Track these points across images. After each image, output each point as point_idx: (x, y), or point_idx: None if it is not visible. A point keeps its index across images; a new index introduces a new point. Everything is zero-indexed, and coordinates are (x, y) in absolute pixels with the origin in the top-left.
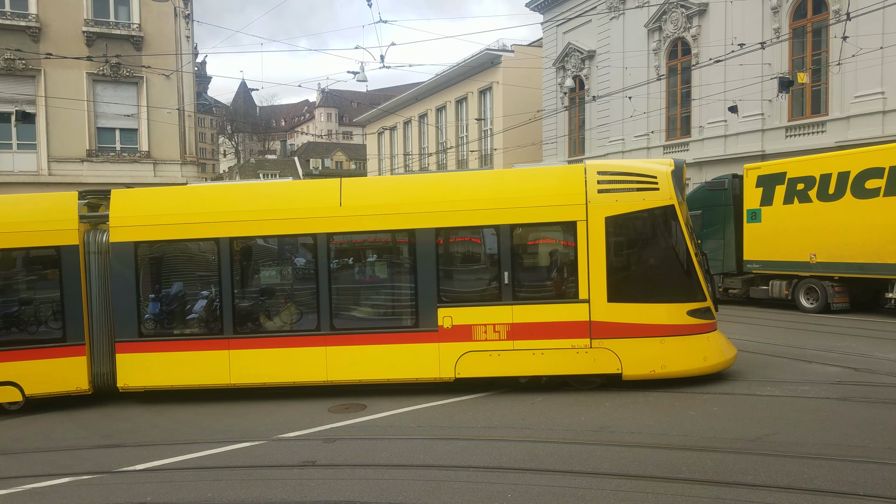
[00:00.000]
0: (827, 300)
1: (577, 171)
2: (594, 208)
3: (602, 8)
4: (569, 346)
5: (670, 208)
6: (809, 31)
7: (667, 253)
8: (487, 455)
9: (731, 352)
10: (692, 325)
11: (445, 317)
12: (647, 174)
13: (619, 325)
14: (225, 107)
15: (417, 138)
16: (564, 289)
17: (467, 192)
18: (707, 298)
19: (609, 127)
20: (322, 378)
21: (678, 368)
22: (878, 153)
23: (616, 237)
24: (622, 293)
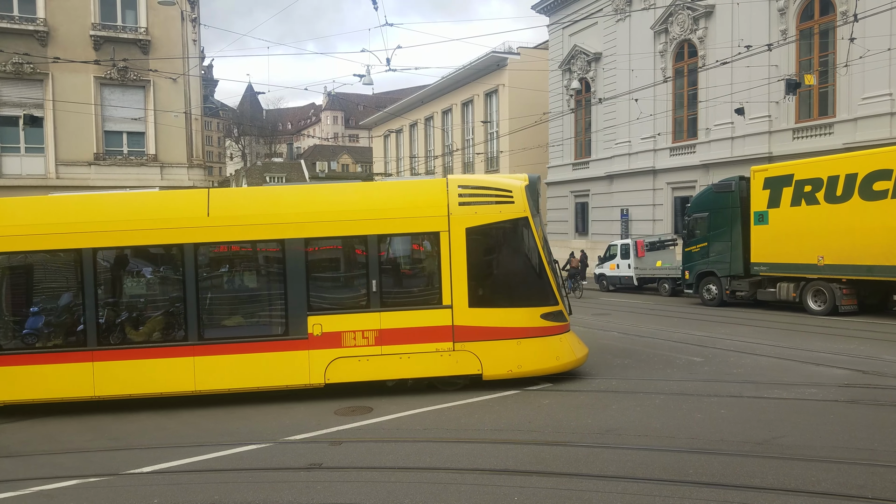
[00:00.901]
0: (835, 302)
1: (440, 185)
2: (456, 220)
3: (608, 10)
4: (433, 350)
5: (525, 220)
6: (816, 32)
7: (522, 261)
8: (493, 457)
9: (582, 351)
10: (546, 328)
11: (315, 324)
12: (503, 189)
13: (479, 329)
14: (232, 110)
15: (423, 141)
16: (429, 295)
17: (336, 204)
18: (559, 302)
19: (615, 129)
20: (190, 388)
21: (533, 368)
22: (886, 155)
23: (476, 247)
24: (482, 299)
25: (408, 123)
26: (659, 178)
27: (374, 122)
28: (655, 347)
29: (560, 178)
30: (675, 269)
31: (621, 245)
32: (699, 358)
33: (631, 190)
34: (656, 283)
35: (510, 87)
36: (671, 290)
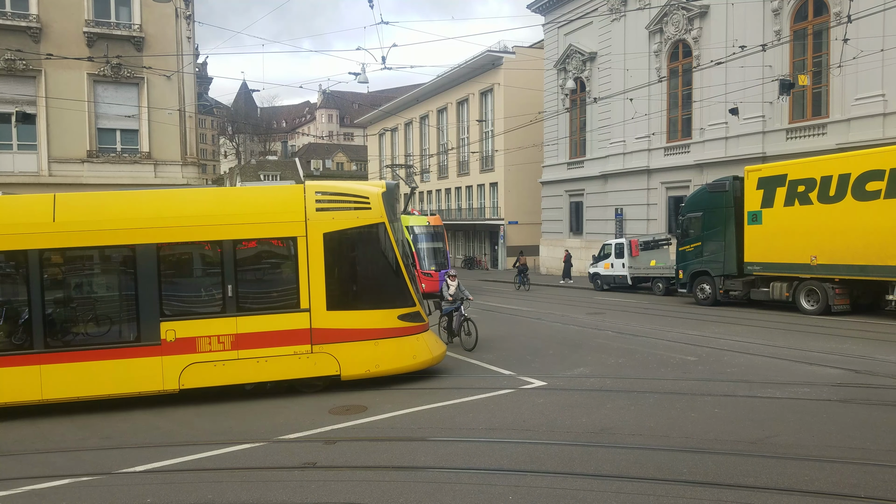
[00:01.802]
0: (828, 302)
1: (297, 190)
2: (313, 225)
3: (603, 10)
4: (291, 353)
5: (381, 226)
6: (810, 33)
7: (379, 265)
8: (488, 457)
9: (439, 349)
10: (403, 328)
11: (168, 330)
12: (361, 195)
13: (337, 331)
14: (226, 108)
15: (419, 139)
16: (287, 299)
17: (190, 209)
18: (416, 304)
19: (610, 129)
20: (36, 397)
21: (391, 367)
22: (878, 155)
23: (333, 251)
24: (340, 302)
25: (403, 122)
26: (653, 178)
27: (369, 120)
28: (649, 347)
29: (555, 178)
30: (669, 269)
31: (615, 244)
32: (693, 357)
33: (625, 189)
34: (650, 283)
35: (505, 86)
36: (665, 290)
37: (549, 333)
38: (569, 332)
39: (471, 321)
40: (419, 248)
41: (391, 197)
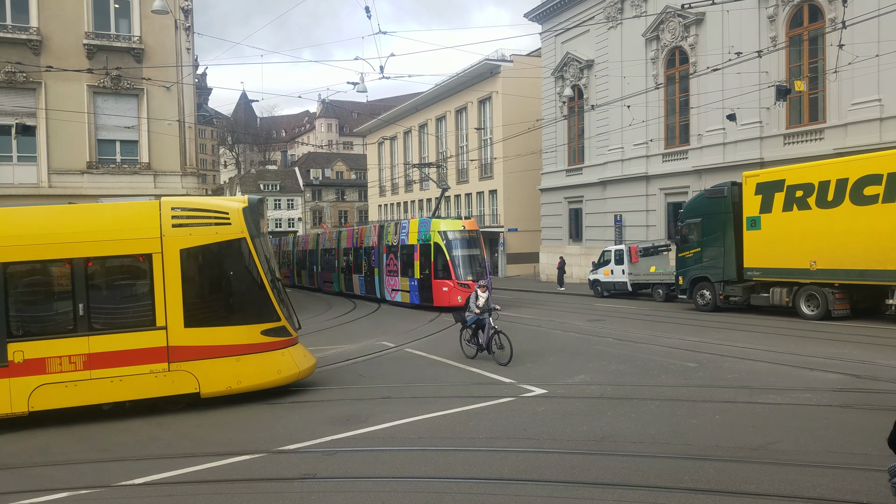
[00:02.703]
0: (828, 307)
1: (152, 206)
2: (169, 241)
3: (600, 18)
4: (147, 372)
5: (242, 241)
6: (806, 39)
7: (240, 281)
8: (489, 466)
9: (308, 363)
10: (266, 343)
11: (16, 351)
12: (220, 210)
13: (196, 348)
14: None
15: (417, 148)
16: (142, 317)
17: (40, 226)
18: (281, 318)
19: (608, 136)
20: None
21: (254, 382)
22: (875, 160)
23: (191, 267)
24: (199, 319)
25: (402, 130)
26: (652, 184)
27: (368, 129)
28: (650, 353)
29: (553, 185)
30: (669, 275)
31: (615, 251)
32: (694, 363)
33: (624, 196)
34: (650, 289)
35: (503, 94)
36: (665, 296)
37: (550, 340)
38: (569, 339)
39: (502, 334)
40: (453, 256)
41: (254, 212)
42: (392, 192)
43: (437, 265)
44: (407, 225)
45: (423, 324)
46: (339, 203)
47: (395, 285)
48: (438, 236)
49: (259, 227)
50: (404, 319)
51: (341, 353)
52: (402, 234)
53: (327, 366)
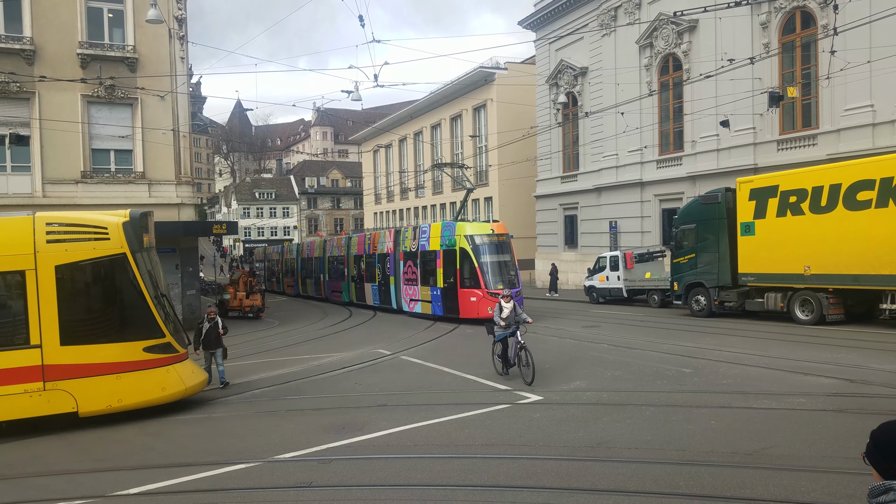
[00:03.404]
0: (822, 312)
1: (25, 222)
2: (43, 258)
3: (594, 25)
4: (21, 391)
5: (122, 256)
6: (798, 45)
7: (120, 297)
8: (485, 473)
9: (196, 379)
10: (149, 360)
11: None
12: (98, 226)
13: (73, 367)
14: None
15: (413, 155)
16: (15, 336)
17: None
18: (165, 335)
19: (603, 142)
20: None
21: (135, 400)
22: (868, 165)
23: (67, 284)
24: (76, 336)
25: (397, 138)
26: (646, 191)
27: (363, 137)
28: (645, 359)
29: (549, 192)
30: (664, 281)
31: (610, 257)
32: (689, 369)
33: (619, 202)
34: (645, 295)
35: (498, 101)
36: (660, 302)
37: (545, 347)
38: (564, 345)
39: (527, 350)
40: (481, 263)
41: (136, 226)
42: (388, 200)
43: (463, 273)
44: (428, 229)
45: (418, 331)
46: (334, 211)
47: (414, 295)
48: (465, 241)
49: (142, 241)
50: (400, 327)
51: (337, 361)
52: (422, 239)
53: (323, 374)
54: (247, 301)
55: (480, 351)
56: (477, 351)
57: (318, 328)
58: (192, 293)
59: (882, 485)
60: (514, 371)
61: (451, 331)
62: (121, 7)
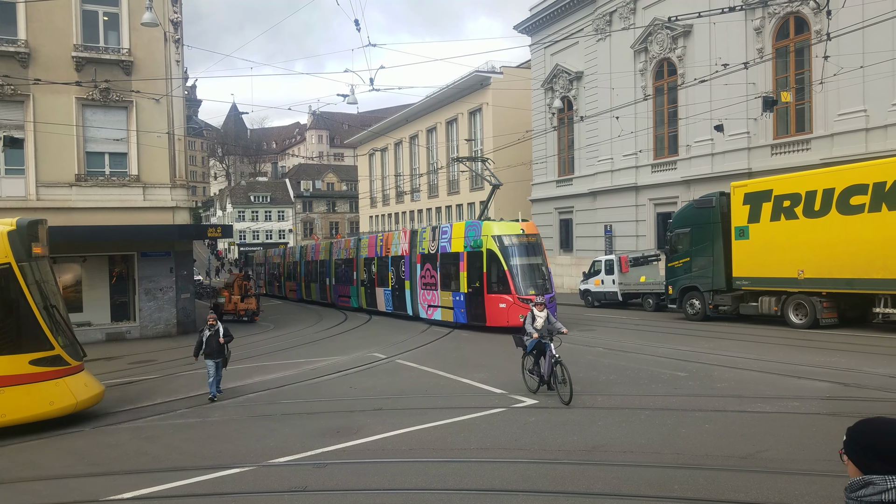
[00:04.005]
0: (816, 316)
1: None
2: None
3: (589, 30)
4: None
5: (7, 267)
6: (792, 50)
7: (4, 309)
8: (480, 477)
9: (90, 392)
10: (36, 374)
11: None
12: None
13: None
14: (216, 130)
15: (409, 159)
16: None
17: None
18: (55, 347)
19: (598, 146)
20: None
21: (21, 415)
22: (861, 170)
23: None
24: None
25: (393, 142)
26: (641, 195)
27: (359, 140)
28: (640, 363)
29: (544, 195)
30: (659, 285)
31: (605, 261)
32: (683, 373)
33: (614, 206)
34: (640, 299)
35: (494, 105)
36: (655, 306)
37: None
38: (560, 348)
39: (563, 365)
40: (511, 266)
41: (24, 236)
42: (384, 203)
43: (490, 277)
44: (449, 229)
45: (414, 335)
46: (330, 214)
47: (432, 301)
48: (493, 242)
49: (31, 251)
50: (396, 331)
51: (332, 365)
52: (442, 239)
53: (318, 378)
54: (241, 305)
55: (476, 354)
56: (472, 354)
57: (313, 332)
58: (186, 297)
59: (861, 479)
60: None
61: (446, 334)
62: (116, 10)
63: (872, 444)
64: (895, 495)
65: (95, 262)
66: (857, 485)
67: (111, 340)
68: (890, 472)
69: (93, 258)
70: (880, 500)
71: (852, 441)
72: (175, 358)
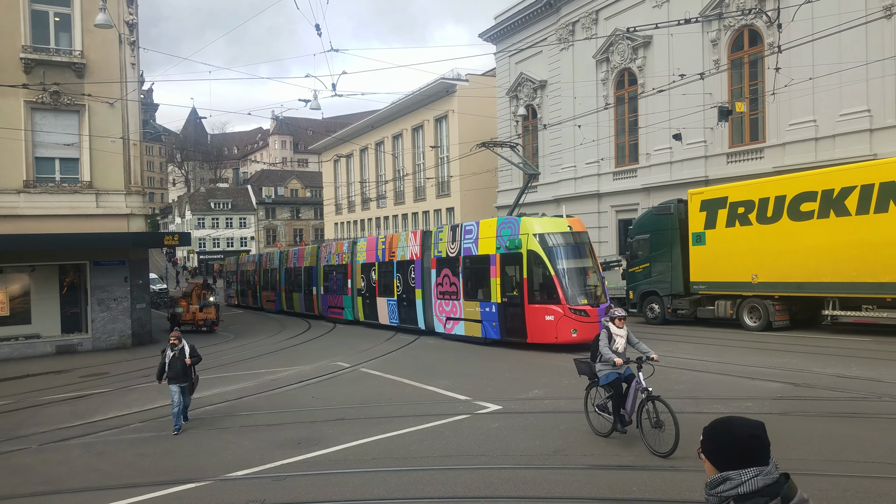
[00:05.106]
0: (769, 318)
1: None
2: None
3: (552, 39)
4: None
5: None
6: (746, 62)
7: None
8: (442, 485)
9: None
10: None
11: None
12: None
13: None
14: (175, 135)
15: (374, 166)
16: None
17: None
18: None
19: (561, 154)
20: None
21: None
22: (810, 178)
23: None
24: None
25: (358, 148)
26: (604, 202)
27: (323, 146)
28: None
29: (510, 202)
30: (620, 290)
31: None
32: (642, 375)
33: (577, 213)
34: None
35: (459, 112)
36: None
37: (504, 357)
38: (523, 355)
39: (662, 402)
40: (559, 270)
41: None
42: (349, 210)
43: (533, 283)
44: (475, 228)
45: (379, 342)
46: (293, 221)
47: (453, 312)
48: (535, 241)
49: None
50: (361, 339)
51: (294, 375)
52: (465, 240)
53: (279, 388)
54: (200, 314)
55: (442, 361)
56: (438, 361)
57: (275, 341)
58: (141, 307)
59: (719, 476)
60: (633, 428)
61: (412, 342)
62: (68, 11)
63: (726, 442)
64: (749, 487)
65: (45, 272)
66: (715, 482)
67: (62, 353)
68: (743, 467)
69: (42, 267)
70: (737, 493)
71: (708, 440)
72: (129, 371)
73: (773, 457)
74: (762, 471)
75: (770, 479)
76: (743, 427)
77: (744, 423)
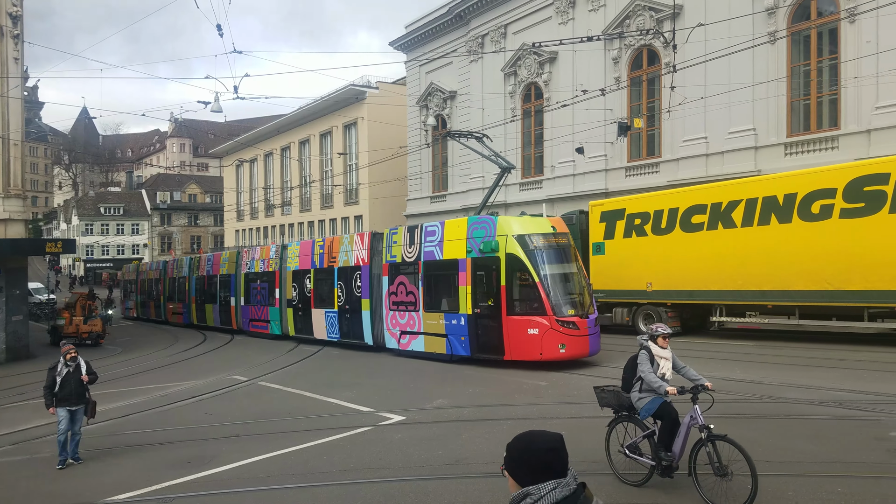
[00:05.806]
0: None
1: None
2: None
3: (462, 51)
4: None
5: None
6: (645, 80)
7: None
8: (342, 500)
9: None
10: None
11: None
12: None
13: None
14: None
15: (280, 171)
16: None
17: None
18: None
19: (470, 164)
20: None
21: None
22: (701, 192)
23: None
24: None
25: (262, 153)
26: (510, 212)
27: (225, 150)
28: (505, 374)
29: (419, 211)
30: None
31: None
32: (545, 382)
33: None
34: None
35: (369, 120)
36: None
37: (411, 368)
38: (430, 366)
39: (730, 441)
40: (543, 277)
41: None
42: (251, 217)
43: (512, 291)
44: (439, 229)
45: (279, 355)
46: (191, 228)
47: (410, 325)
48: (515, 243)
49: None
50: (260, 352)
51: (186, 390)
52: (427, 243)
53: (169, 404)
54: (84, 327)
55: (345, 372)
56: (342, 372)
57: (166, 355)
58: (18, 319)
59: (521, 493)
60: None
61: (315, 353)
62: None
63: (524, 457)
64: (548, 501)
65: None
66: (517, 498)
67: None
68: (543, 481)
69: None
70: None
71: (510, 457)
72: (2, 388)
73: (571, 467)
74: (560, 483)
75: (567, 490)
76: (542, 441)
77: (543, 437)
